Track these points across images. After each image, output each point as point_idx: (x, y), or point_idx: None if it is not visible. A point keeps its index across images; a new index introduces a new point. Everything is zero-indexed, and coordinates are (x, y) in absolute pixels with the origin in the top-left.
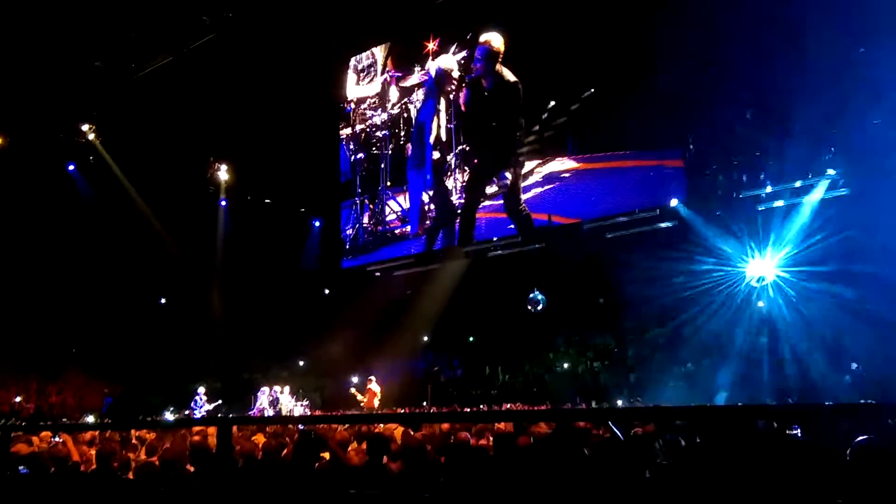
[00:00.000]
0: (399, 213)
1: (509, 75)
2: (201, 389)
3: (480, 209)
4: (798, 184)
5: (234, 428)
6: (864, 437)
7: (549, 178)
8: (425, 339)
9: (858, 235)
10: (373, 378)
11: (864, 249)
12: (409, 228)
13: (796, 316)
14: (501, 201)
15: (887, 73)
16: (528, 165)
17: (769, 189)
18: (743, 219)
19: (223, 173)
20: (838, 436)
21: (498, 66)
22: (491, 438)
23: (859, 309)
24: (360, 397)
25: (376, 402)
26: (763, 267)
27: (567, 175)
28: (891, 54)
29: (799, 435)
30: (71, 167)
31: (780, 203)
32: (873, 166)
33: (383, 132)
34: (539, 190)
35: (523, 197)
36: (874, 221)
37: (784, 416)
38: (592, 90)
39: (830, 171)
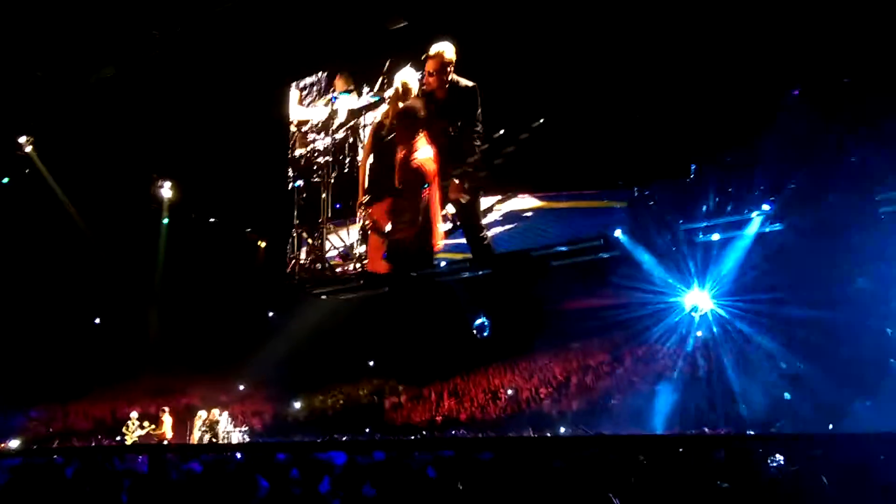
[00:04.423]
0: (341, 250)
1: (465, 81)
2: (134, 414)
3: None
4: (736, 218)
5: None
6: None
7: (509, 217)
8: (371, 364)
9: (793, 269)
10: (165, 409)
11: (799, 283)
12: (350, 266)
13: (732, 346)
14: (458, 239)
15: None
16: (489, 201)
17: (707, 223)
18: (682, 250)
19: (166, 190)
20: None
21: (452, 76)
22: None
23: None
24: (151, 428)
25: (169, 433)
26: (700, 297)
27: (529, 214)
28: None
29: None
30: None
31: (716, 236)
32: (809, 202)
33: (325, 158)
34: (500, 229)
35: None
36: (808, 255)
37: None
38: (542, 120)
39: (765, 207)
